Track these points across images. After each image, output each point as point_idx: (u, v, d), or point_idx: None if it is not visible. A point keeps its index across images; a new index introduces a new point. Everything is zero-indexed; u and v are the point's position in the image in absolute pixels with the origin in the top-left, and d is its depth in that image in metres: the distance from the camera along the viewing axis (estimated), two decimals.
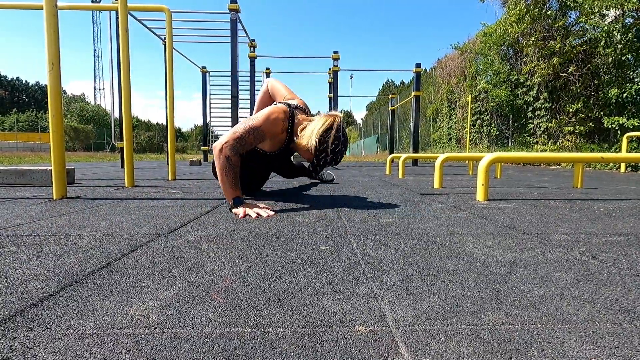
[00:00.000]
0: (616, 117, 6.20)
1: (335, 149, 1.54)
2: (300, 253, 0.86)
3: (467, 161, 6.46)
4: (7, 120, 41.29)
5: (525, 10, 7.59)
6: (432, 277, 0.70)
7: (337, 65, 6.91)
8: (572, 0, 6.71)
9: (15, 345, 0.44)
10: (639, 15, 5.78)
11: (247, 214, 1.33)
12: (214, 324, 0.50)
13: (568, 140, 7.40)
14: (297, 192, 2.20)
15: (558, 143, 7.66)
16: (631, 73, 6.22)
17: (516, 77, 8.66)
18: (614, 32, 6.08)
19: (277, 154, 1.78)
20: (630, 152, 5.69)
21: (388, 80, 46.34)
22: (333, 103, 7.19)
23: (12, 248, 0.88)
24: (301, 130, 1.59)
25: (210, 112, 8.86)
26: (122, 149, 4.57)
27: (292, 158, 2.75)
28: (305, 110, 1.73)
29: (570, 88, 7.39)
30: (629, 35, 5.92)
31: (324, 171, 2.84)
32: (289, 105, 1.64)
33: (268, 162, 1.87)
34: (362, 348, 0.45)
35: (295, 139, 1.62)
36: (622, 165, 5.35)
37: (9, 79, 58.33)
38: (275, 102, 1.72)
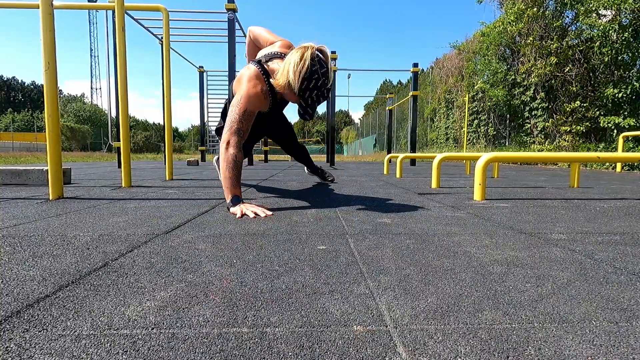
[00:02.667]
0: (612, 117, 6.23)
1: (317, 84, 1.45)
2: (298, 253, 0.86)
3: (464, 161, 6.48)
4: (2, 120, 41.01)
5: (524, 8, 7.61)
6: (429, 277, 0.70)
7: (335, 65, 6.92)
8: None
9: (11, 346, 0.44)
10: (634, 15, 5.81)
11: (245, 214, 1.32)
12: (212, 324, 0.50)
13: (565, 140, 7.43)
14: (295, 192, 2.19)
15: (555, 143, 7.70)
16: (627, 72, 6.25)
17: (513, 77, 8.69)
18: (611, 31, 6.11)
19: (270, 111, 1.75)
20: (626, 151, 5.72)
21: (386, 80, 46.42)
22: (331, 103, 7.19)
23: (7, 249, 0.87)
24: (275, 74, 1.52)
25: (207, 112, 8.84)
26: (119, 148, 4.55)
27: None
28: (284, 54, 1.64)
29: (567, 88, 7.42)
30: (626, 34, 5.95)
31: (326, 170, 2.84)
32: (258, 63, 1.60)
33: (263, 119, 1.85)
34: (360, 348, 0.45)
35: (272, 82, 1.55)
36: (618, 165, 5.38)
37: (5, 79, 58.00)
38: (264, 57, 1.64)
